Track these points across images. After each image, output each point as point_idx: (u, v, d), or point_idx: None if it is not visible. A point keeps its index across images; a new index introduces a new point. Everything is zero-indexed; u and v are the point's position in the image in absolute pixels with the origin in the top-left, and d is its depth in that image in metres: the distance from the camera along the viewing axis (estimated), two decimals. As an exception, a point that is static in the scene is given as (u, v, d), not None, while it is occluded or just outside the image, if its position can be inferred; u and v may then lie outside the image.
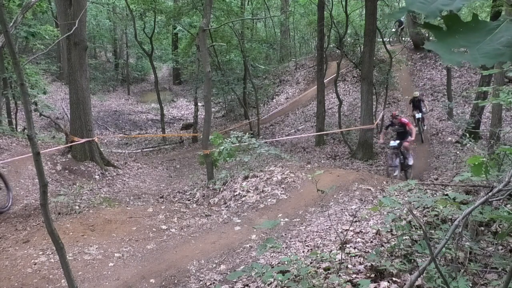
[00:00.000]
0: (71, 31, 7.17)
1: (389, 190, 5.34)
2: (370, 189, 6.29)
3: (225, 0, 15.85)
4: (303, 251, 3.95)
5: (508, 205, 3.56)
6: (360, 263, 3.17)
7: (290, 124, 16.36)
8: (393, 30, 19.69)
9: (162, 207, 6.39)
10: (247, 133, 8.62)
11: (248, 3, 19.40)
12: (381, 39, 14.42)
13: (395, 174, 8.38)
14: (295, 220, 5.28)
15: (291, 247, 4.15)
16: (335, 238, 4.13)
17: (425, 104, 12.30)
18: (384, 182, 6.81)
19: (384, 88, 14.46)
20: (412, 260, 2.96)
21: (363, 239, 3.93)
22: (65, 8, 9.18)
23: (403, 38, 19.99)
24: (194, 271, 3.95)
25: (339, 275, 2.87)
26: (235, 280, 3.43)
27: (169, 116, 20.43)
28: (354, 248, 3.64)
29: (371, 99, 11.52)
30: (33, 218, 5.74)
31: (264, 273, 2.78)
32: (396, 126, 8.71)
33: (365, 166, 10.47)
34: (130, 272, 3.97)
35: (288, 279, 2.79)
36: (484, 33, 0.83)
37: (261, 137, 14.34)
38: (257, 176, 7.39)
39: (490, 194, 2.28)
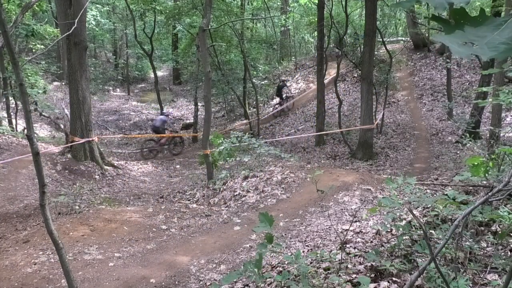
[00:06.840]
0: (71, 31, 7.16)
1: (389, 189, 5.33)
2: (370, 189, 6.28)
3: (225, 0, 15.83)
4: (303, 251, 3.95)
5: (508, 205, 3.56)
6: (360, 263, 3.17)
7: (290, 124, 16.35)
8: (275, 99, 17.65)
9: (162, 207, 6.39)
10: (247, 133, 8.62)
11: (248, 3, 19.39)
12: (381, 39, 14.42)
13: None
14: (295, 220, 5.28)
15: (291, 247, 4.15)
16: (335, 238, 4.13)
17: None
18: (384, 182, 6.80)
19: (384, 88, 14.44)
20: (412, 260, 2.95)
21: (363, 239, 3.93)
22: (65, 8, 9.17)
23: (282, 104, 17.36)
24: (194, 271, 3.95)
25: (339, 275, 2.86)
26: (235, 280, 3.43)
27: (169, 116, 20.39)
28: (354, 248, 3.64)
29: (371, 99, 11.50)
30: (33, 218, 5.73)
31: (263, 273, 2.78)
32: None
33: (365, 166, 10.45)
34: (130, 272, 3.97)
35: (288, 279, 2.79)
36: (491, 28, 0.83)
37: (261, 137, 14.32)
38: (257, 176, 7.39)
39: (490, 194, 2.28)
